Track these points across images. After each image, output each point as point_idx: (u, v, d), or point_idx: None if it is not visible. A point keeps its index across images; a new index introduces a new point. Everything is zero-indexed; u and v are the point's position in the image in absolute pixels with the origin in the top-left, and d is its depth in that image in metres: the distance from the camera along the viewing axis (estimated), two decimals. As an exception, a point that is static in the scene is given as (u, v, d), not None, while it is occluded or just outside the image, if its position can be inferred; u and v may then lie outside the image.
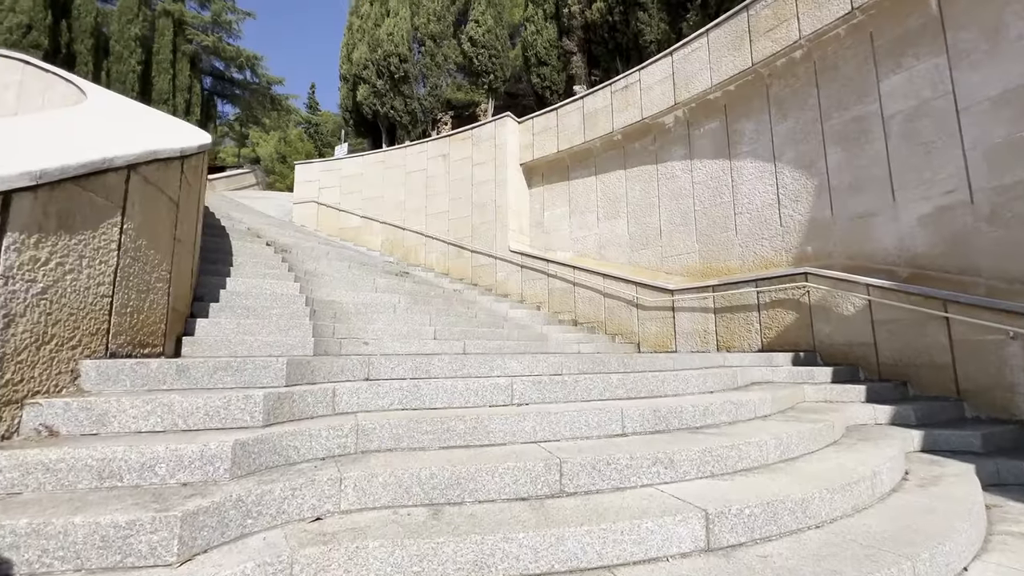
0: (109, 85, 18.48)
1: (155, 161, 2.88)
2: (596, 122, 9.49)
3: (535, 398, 2.92)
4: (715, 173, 7.89)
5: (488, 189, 10.56)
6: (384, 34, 13.86)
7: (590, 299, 8.82)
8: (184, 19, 22.83)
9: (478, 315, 6.97)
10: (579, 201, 9.98)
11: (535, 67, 12.51)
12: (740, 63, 7.34)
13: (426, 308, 6.18)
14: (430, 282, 8.70)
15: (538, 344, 6.27)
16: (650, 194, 8.82)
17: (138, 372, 2.31)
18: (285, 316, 4.41)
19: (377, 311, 5.62)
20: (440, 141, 11.69)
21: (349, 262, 7.56)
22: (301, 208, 13.13)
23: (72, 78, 5.88)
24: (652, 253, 8.62)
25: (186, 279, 3.72)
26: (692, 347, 7.21)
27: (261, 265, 5.44)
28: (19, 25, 14.02)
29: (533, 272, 9.77)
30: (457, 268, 10.82)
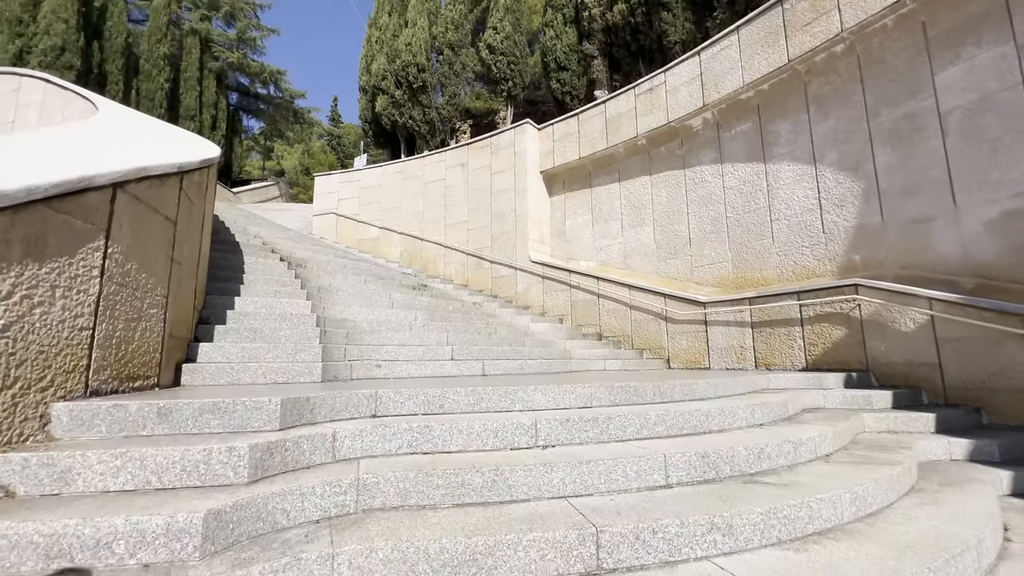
0: (139, 103, 19.02)
1: (147, 178, 2.66)
2: (619, 127, 9.12)
3: (562, 438, 2.56)
4: (748, 177, 7.42)
5: (507, 198, 10.27)
6: (402, 44, 13.80)
7: (615, 311, 8.40)
8: (211, 37, 23.42)
9: (498, 330, 6.65)
10: (602, 209, 9.60)
11: (555, 72, 12.23)
12: (774, 60, 6.89)
13: (443, 325, 5.89)
14: (448, 295, 8.43)
15: (562, 363, 5.90)
16: (677, 200, 8.39)
17: (115, 416, 2.05)
18: (294, 338, 4.16)
19: (392, 329, 5.35)
20: (458, 150, 11.49)
21: (366, 276, 7.34)
22: (321, 220, 13.09)
23: (87, 94, 5.85)
24: (681, 263, 8.17)
25: (187, 303, 3.50)
26: (727, 364, 6.72)
27: (273, 282, 5.24)
28: (53, 47, 14.47)
29: (555, 283, 9.41)
30: (476, 279, 10.54)
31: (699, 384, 3.58)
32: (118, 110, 5.15)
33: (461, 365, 4.76)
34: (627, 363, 6.94)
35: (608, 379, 4.02)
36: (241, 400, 2.16)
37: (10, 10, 14.74)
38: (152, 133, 4.42)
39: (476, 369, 4.81)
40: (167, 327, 3.01)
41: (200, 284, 3.97)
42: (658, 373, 5.38)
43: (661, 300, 7.67)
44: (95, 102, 5.51)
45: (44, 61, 14.36)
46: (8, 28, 14.58)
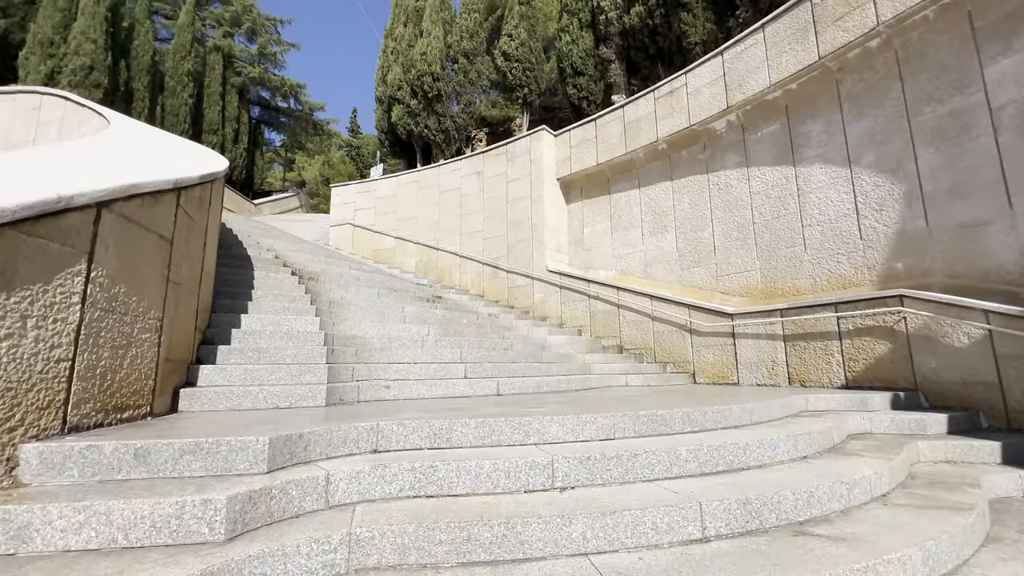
0: (164, 119, 19.51)
1: (137, 196, 2.51)
2: (638, 131, 8.83)
3: (582, 479, 2.29)
4: (777, 181, 7.04)
5: (524, 206, 10.05)
6: (417, 54, 13.79)
7: (637, 323, 8.07)
8: (233, 53, 23.99)
9: (514, 344, 6.40)
10: (621, 216, 9.29)
11: (571, 78, 12.01)
12: (804, 58, 6.53)
13: (457, 340, 5.67)
14: (464, 307, 8.22)
15: (581, 379, 5.61)
16: (701, 206, 8.04)
17: (89, 458, 1.87)
18: (300, 358, 3.99)
19: (404, 346, 5.15)
20: (474, 158, 11.34)
21: (379, 288, 7.19)
22: (337, 231, 13.09)
23: (102, 110, 5.86)
24: (705, 271, 7.80)
25: (187, 324, 3.35)
26: (758, 379, 6.33)
27: (282, 298, 5.11)
28: (82, 67, 14.92)
29: (573, 293, 9.12)
30: (492, 289, 10.32)
31: (732, 409, 3.26)
32: (128, 125, 5.12)
33: (475, 384, 4.52)
34: (650, 378, 6.60)
35: (631, 404, 3.72)
36: (225, 440, 1.96)
37: (43, 32, 15.27)
38: (158, 147, 4.34)
39: (490, 388, 4.57)
40: (162, 352, 2.85)
41: (204, 303, 3.83)
42: (684, 392, 5.05)
43: (685, 311, 7.32)
44: (108, 117, 5.50)
45: (73, 80, 14.80)
46: (40, 49, 15.09)
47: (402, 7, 15.61)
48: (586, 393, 5.01)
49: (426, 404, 3.81)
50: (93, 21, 15.46)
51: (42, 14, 15.51)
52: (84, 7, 15.61)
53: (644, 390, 5.67)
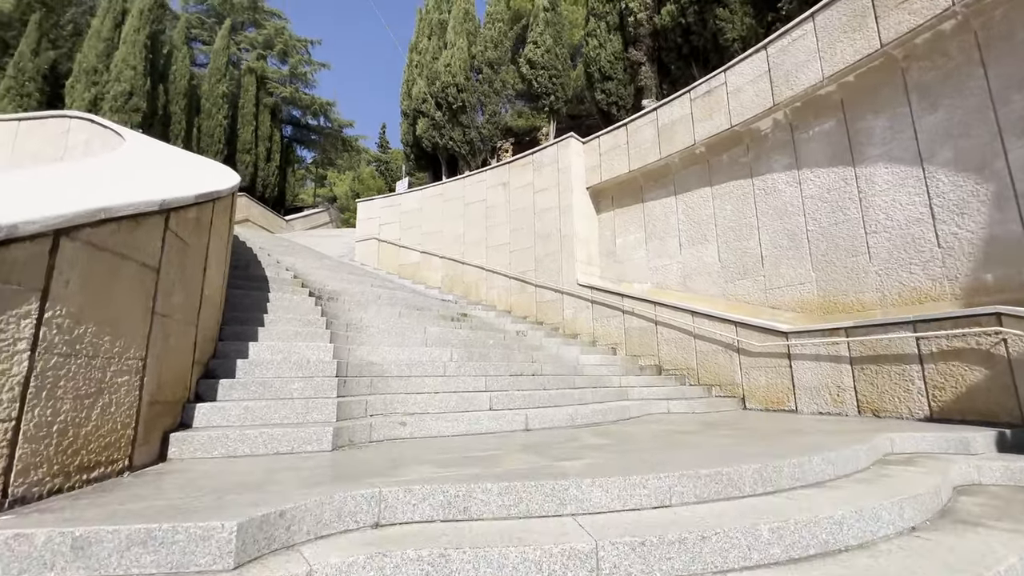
0: (199, 139, 20.09)
1: (110, 221, 2.19)
2: (673, 135, 8.27)
3: (636, 570, 1.78)
4: (833, 184, 6.35)
5: (552, 217, 9.60)
6: (442, 66, 13.64)
7: (677, 341, 7.44)
8: (266, 74, 24.66)
9: (543, 367, 5.91)
10: (656, 225, 8.71)
11: (599, 83, 11.55)
12: (863, 47, 5.88)
13: (482, 365, 5.23)
14: (490, 324, 7.79)
15: (618, 407, 5.06)
16: (745, 213, 7.39)
17: (16, 553, 1.49)
18: (308, 391, 3.63)
19: (425, 373, 4.75)
20: (499, 169, 10.99)
21: (401, 307, 6.85)
22: (363, 246, 12.96)
23: (120, 130, 5.79)
24: (752, 284, 7.13)
25: (182, 359, 3.03)
26: (819, 406, 5.62)
27: (296, 321, 4.80)
28: (122, 92, 15.47)
29: (606, 308, 8.57)
30: (520, 305, 9.87)
31: (812, 462, 2.67)
32: (138, 143, 4.97)
33: (501, 418, 4.05)
34: (694, 404, 5.97)
35: (682, 447, 3.17)
36: (184, 527, 1.56)
37: (87, 61, 15.95)
38: (165, 164, 4.11)
39: (518, 422, 4.09)
40: (145, 395, 2.51)
41: (206, 332, 3.52)
42: (741, 428, 4.43)
43: (732, 328, 6.66)
44: (124, 136, 5.40)
45: (114, 106, 15.35)
46: (85, 77, 15.75)
47: (426, 21, 15.58)
48: (626, 427, 4.46)
49: (446, 444, 3.37)
50: (133, 49, 16.05)
51: (87, 44, 16.23)
52: (126, 36, 16.26)
53: (690, 420, 5.07)
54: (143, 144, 5.06)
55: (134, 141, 5.17)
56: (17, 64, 15.58)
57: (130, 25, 16.40)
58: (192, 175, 3.58)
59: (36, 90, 15.70)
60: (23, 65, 15.65)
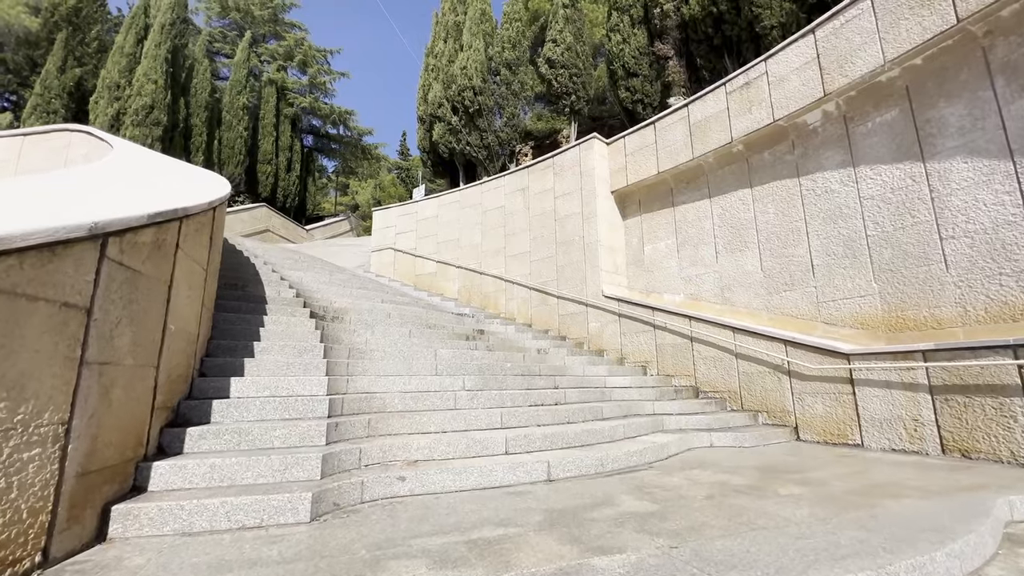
0: (220, 151, 20.20)
1: (7, 254, 1.69)
2: (707, 132, 7.55)
3: None
4: (897, 182, 5.55)
5: (574, 224, 8.97)
6: (458, 69, 13.20)
7: (715, 360, 6.70)
8: (286, 85, 24.80)
9: (567, 394, 5.28)
10: (689, 231, 7.99)
11: (623, 80, 10.88)
12: (933, 24, 5.08)
13: (498, 395, 4.63)
14: (508, 342, 7.20)
15: (654, 446, 4.38)
16: (791, 217, 6.62)
17: None
18: (292, 439, 3.11)
19: (432, 407, 4.20)
20: (517, 174, 10.43)
21: (412, 326, 6.34)
22: (378, 256, 12.58)
23: (109, 139, 5.46)
24: (801, 296, 6.35)
25: (136, 409, 2.54)
26: (892, 441, 4.82)
27: (290, 350, 4.31)
28: (143, 107, 15.57)
29: (635, 322, 7.88)
30: (541, 318, 9.26)
31: (936, 561, 1.98)
32: (127, 154, 4.60)
33: (519, 466, 3.44)
34: (741, 435, 5.23)
35: (742, 512, 2.50)
36: None
37: (110, 76, 16.14)
38: (140, 176, 3.68)
39: (538, 471, 3.47)
40: (70, 467, 2.02)
41: (174, 372, 3.04)
42: (808, 483, 3.71)
43: (780, 347, 5.90)
44: (113, 145, 5.08)
45: (135, 120, 15.45)
46: (108, 93, 15.93)
47: (442, 24, 15.19)
48: (669, 476, 3.79)
49: (452, 506, 2.79)
50: (154, 63, 16.17)
51: (111, 60, 16.43)
52: (147, 51, 16.40)
53: (742, 461, 4.35)
54: (129, 155, 4.69)
55: (121, 152, 4.81)
56: (44, 82, 15.88)
57: (151, 40, 16.54)
58: (169, 188, 3.11)
59: (62, 107, 15.97)
60: (49, 82, 15.94)
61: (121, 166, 4.08)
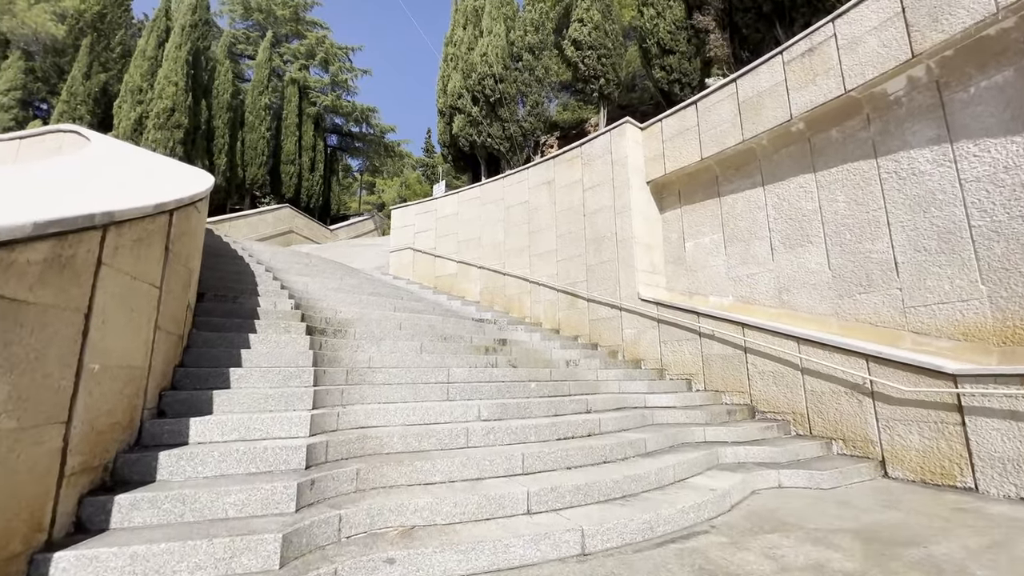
0: (243, 153, 20.11)
1: None
2: (759, 110, 6.55)
3: None
4: (1012, 159, 4.47)
5: (605, 218, 8.10)
6: (477, 56, 12.43)
7: (775, 375, 5.75)
8: (308, 84, 24.61)
9: (603, 420, 4.47)
10: (738, 224, 7.00)
11: (657, 58, 9.87)
12: (1071, -47, 3.98)
13: (520, 425, 3.86)
14: (533, 354, 6.43)
15: (714, 493, 3.53)
16: (867, 205, 5.58)
17: None
18: (252, 505, 2.43)
19: (440, 444, 3.49)
20: (542, 166, 9.60)
21: (425, 338, 5.65)
22: (397, 257, 12.00)
23: (90, 135, 4.99)
24: (882, 300, 5.32)
25: (30, 486, 1.89)
26: (1019, 488, 3.80)
27: (274, 376, 3.66)
28: (165, 110, 15.48)
29: (676, 329, 6.97)
30: (570, 322, 8.44)
31: None
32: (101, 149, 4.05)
33: (544, 537, 2.66)
34: (818, 475, 4.28)
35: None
36: None
37: (133, 80, 16.13)
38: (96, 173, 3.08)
39: (570, 544, 2.69)
40: None
41: (99, 425, 2.40)
42: (862, 481, 2.80)
43: (860, 363, 4.91)
44: (90, 139, 4.64)
45: (157, 123, 15.37)
46: (131, 97, 15.92)
47: (461, 10, 14.44)
48: (740, 551, 2.95)
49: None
50: (175, 65, 16.06)
51: (133, 64, 16.43)
52: (168, 53, 16.31)
53: (828, 518, 3.45)
54: (97, 150, 4.15)
55: (93, 147, 4.30)
56: (70, 88, 16.00)
57: (172, 42, 16.45)
58: (113, 186, 2.47)
59: (87, 112, 16.07)
60: (75, 89, 16.05)
61: (75, 163, 3.51)
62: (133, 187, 3.14)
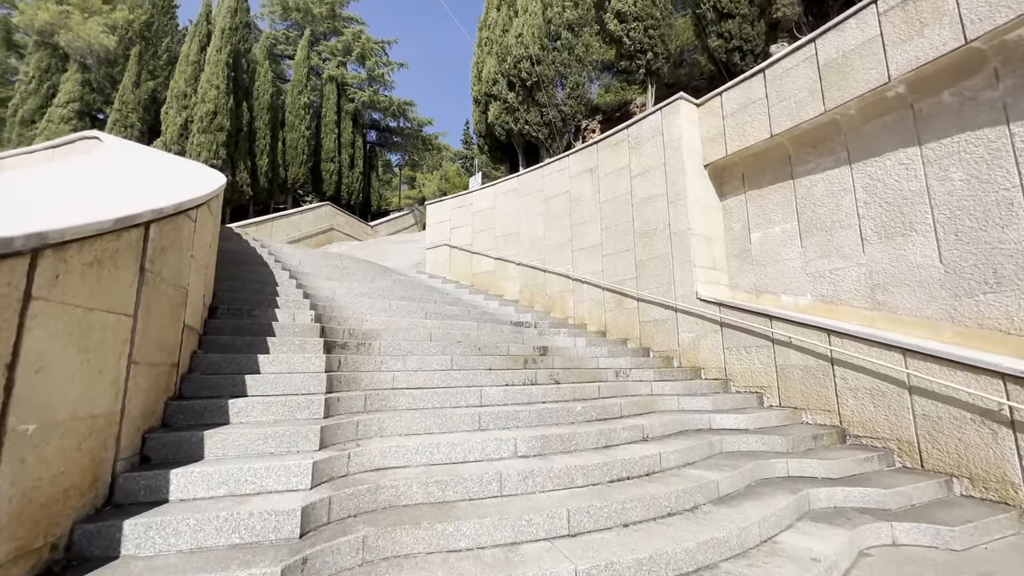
0: (285, 153, 20.33)
1: None
2: (846, 73, 5.49)
3: None
4: None
5: (657, 208, 7.23)
6: (512, 38, 11.68)
7: (873, 393, 4.79)
8: (345, 81, 24.63)
9: (663, 452, 3.74)
10: (817, 211, 5.98)
11: (714, 24, 8.78)
12: None
13: (565, 463, 3.21)
14: (579, 362, 5.76)
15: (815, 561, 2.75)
16: (994, 184, 4.49)
17: None
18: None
19: (467, 493, 2.91)
20: (584, 152, 8.79)
21: (457, 350, 5.10)
22: (433, 254, 11.56)
23: (105, 138, 4.74)
24: (1015, 301, 4.25)
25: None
26: None
27: (278, 408, 3.19)
28: (207, 113, 15.72)
29: (743, 334, 6.07)
30: (618, 324, 7.66)
31: None
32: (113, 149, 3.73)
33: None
34: (946, 531, 3.37)
35: None
36: None
37: (178, 86, 16.50)
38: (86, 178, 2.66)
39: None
40: None
41: (43, 493, 1.96)
42: None
43: (994, 383, 3.92)
44: (102, 140, 4.43)
45: (200, 127, 15.64)
46: (176, 102, 16.29)
47: (495, -9, 13.69)
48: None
49: None
50: (216, 68, 16.27)
51: (178, 69, 16.81)
52: (209, 57, 16.55)
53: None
54: (105, 152, 3.85)
55: (105, 149, 4.03)
56: (121, 97, 16.57)
57: (212, 46, 16.67)
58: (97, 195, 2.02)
59: (138, 120, 16.61)
60: (126, 97, 16.61)
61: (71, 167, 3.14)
62: (102, 195, 2.71)
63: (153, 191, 3.01)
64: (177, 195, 2.98)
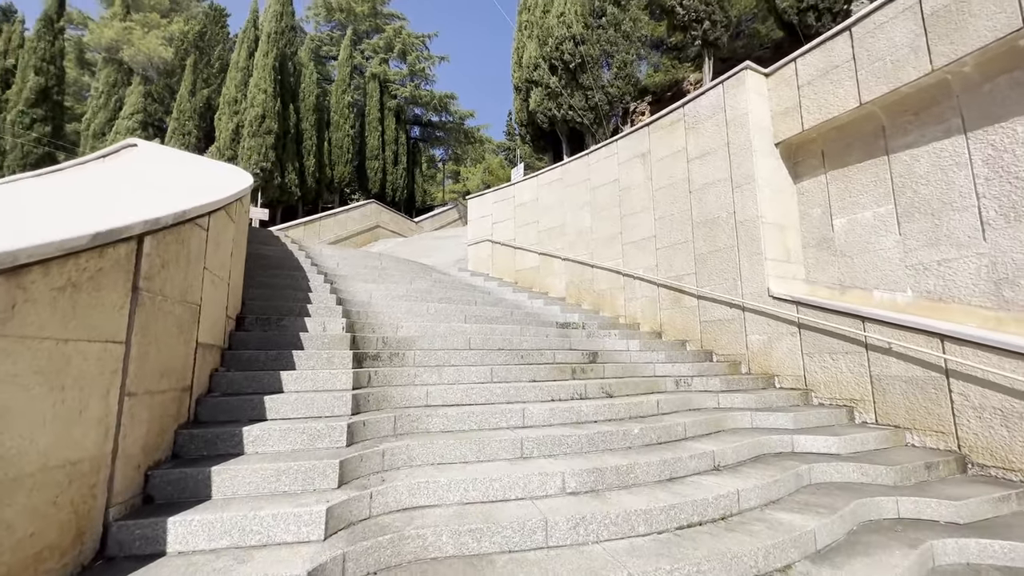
0: (330, 152, 20.65)
1: None
2: (959, 23, 4.51)
3: None
4: None
5: (719, 194, 6.45)
6: (554, 18, 11.01)
7: (1005, 413, 3.91)
8: (387, 77, 24.72)
9: (741, 492, 3.12)
10: (920, 191, 5.03)
11: (782, -16, 7.74)
12: None
13: (622, 509, 2.68)
14: (633, 370, 5.17)
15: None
16: None
17: None
18: None
19: (508, 545, 2.44)
20: (634, 136, 8.06)
21: (497, 359, 4.67)
22: (475, 250, 11.20)
23: (140, 144, 4.73)
24: None
25: None
26: None
27: (297, 436, 2.87)
28: (256, 117, 16.13)
29: (826, 337, 5.25)
30: (675, 324, 6.96)
31: None
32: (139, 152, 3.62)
33: None
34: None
35: None
36: None
37: (229, 93, 17.02)
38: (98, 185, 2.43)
39: None
40: None
41: (17, 554, 1.67)
42: None
43: None
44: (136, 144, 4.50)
45: (250, 131, 16.06)
46: (228, 108, 16.82)
47: (535, -29, 13.01)
48: None
49: None
50: (263, 73, 16.64)
51: (229, 76, 17.35)
52: (256, 61, 16.94)
53: None
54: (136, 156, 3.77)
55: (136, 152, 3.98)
56: (179, 106, 17.33)
57: (259, 51, 17.05)
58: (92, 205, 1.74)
59: (194, 127, 17.32)
60: (183, 106, 17.36)
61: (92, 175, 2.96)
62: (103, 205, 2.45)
63: (176, 196, 2.73)
64: (178, 203, 2.69)
